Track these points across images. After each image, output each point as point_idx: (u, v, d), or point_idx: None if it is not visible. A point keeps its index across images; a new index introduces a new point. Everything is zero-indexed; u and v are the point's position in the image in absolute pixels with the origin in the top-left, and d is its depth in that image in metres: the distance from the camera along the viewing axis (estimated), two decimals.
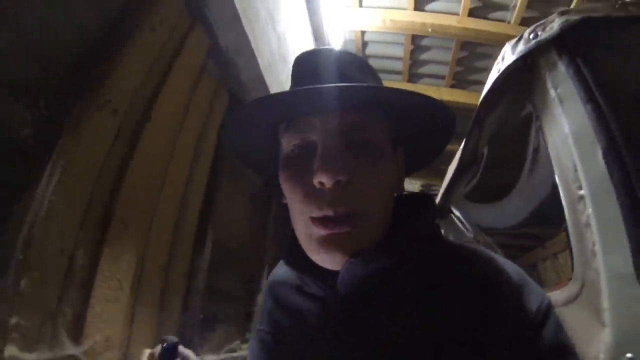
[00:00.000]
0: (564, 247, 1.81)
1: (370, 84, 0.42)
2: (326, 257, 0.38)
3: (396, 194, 0.45)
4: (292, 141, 0.40)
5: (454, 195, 1.43)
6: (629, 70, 0.63)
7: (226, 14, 1.76)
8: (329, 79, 0.40)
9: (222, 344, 2.43)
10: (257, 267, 3.00)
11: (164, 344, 1.55)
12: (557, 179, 0.60)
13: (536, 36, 0.65)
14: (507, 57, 0.71)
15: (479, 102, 0.85)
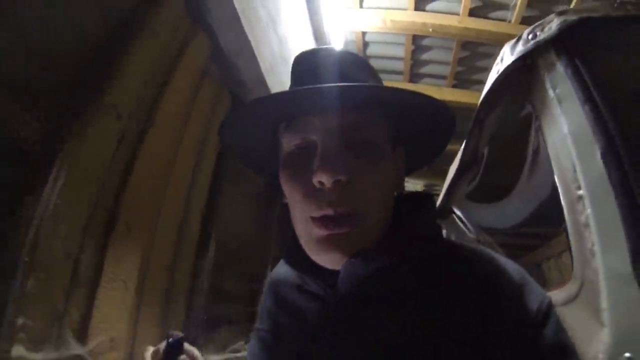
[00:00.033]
0: (568, 246, 1.79)
1: (370, 84, 0.42)
2: (326, 257, 0.38)
3: (396, 193, 0.44)
4: (292, 141, 0.40)
5: (455, 195, 1.43)
6: (628, 69, 0.63)
7: (226, 17, 1.76)
8: (329, 78, 0.40)
9: (226, 344, 2.44)
10: (261, 267, 3.01)
11: (169, 339, 1.49)
12: (556, 179, 0.60)
13: (535, 37, 0.65)
14: (506, 57, 0.71)
15: (479, 103, 0.85)
